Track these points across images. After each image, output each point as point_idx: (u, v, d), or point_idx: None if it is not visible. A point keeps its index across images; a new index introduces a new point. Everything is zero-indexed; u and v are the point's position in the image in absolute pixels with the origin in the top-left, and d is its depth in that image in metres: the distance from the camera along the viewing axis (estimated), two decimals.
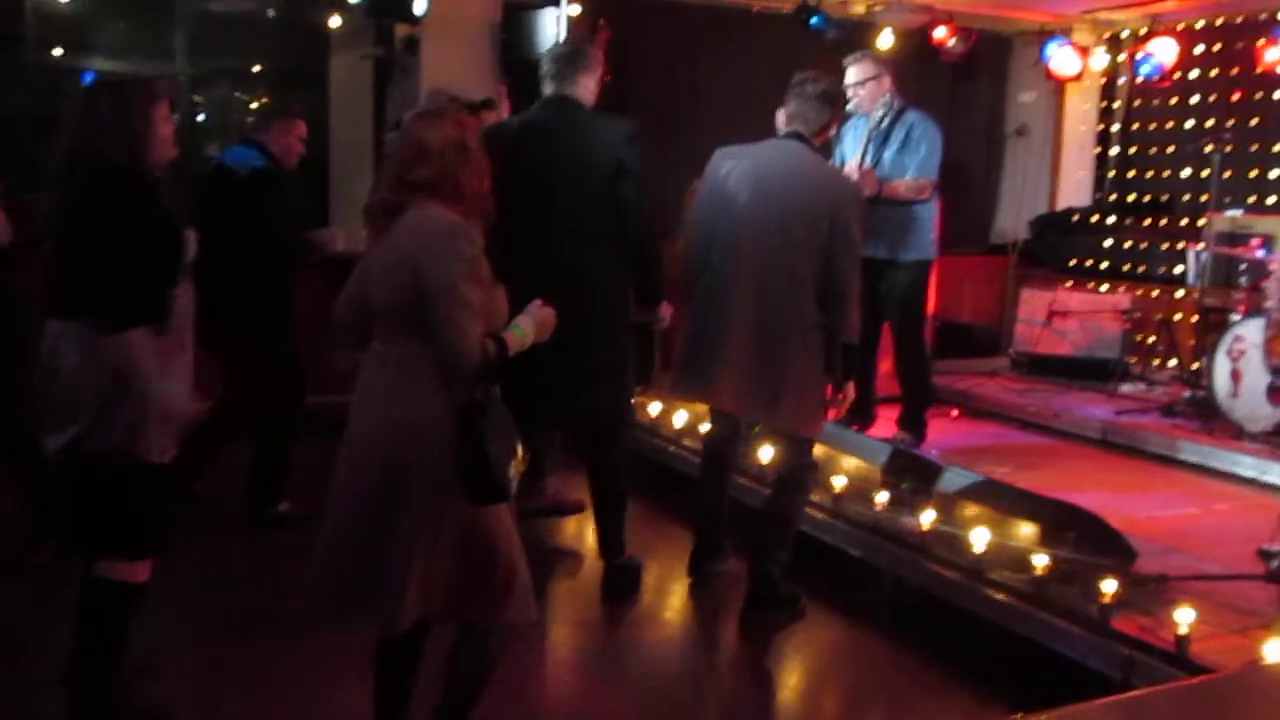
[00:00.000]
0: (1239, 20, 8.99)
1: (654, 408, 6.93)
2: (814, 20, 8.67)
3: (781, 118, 4.83)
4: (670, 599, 5.29)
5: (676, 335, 5.16)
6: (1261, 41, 8.43)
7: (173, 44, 8.76)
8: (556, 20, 7.74)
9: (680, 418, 6.68)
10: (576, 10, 7.80)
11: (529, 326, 3.33)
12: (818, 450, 5.65)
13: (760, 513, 5.02)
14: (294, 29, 8.98)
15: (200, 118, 9.45)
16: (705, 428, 5.34)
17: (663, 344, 7.74)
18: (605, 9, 8.24)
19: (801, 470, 4.92)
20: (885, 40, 8.82)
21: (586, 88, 4.96)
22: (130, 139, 3.61)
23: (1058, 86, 10.06)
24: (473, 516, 3.24)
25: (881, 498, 5.23)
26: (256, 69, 9.43)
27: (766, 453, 5.68)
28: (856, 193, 4.85)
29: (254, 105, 9.41)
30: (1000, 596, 4.42)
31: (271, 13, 8.50)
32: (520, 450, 3.30)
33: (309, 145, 5.95)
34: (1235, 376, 6.70)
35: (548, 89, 4.96)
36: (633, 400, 5.41)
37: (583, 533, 5.81)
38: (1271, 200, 8.49)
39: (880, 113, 6.46)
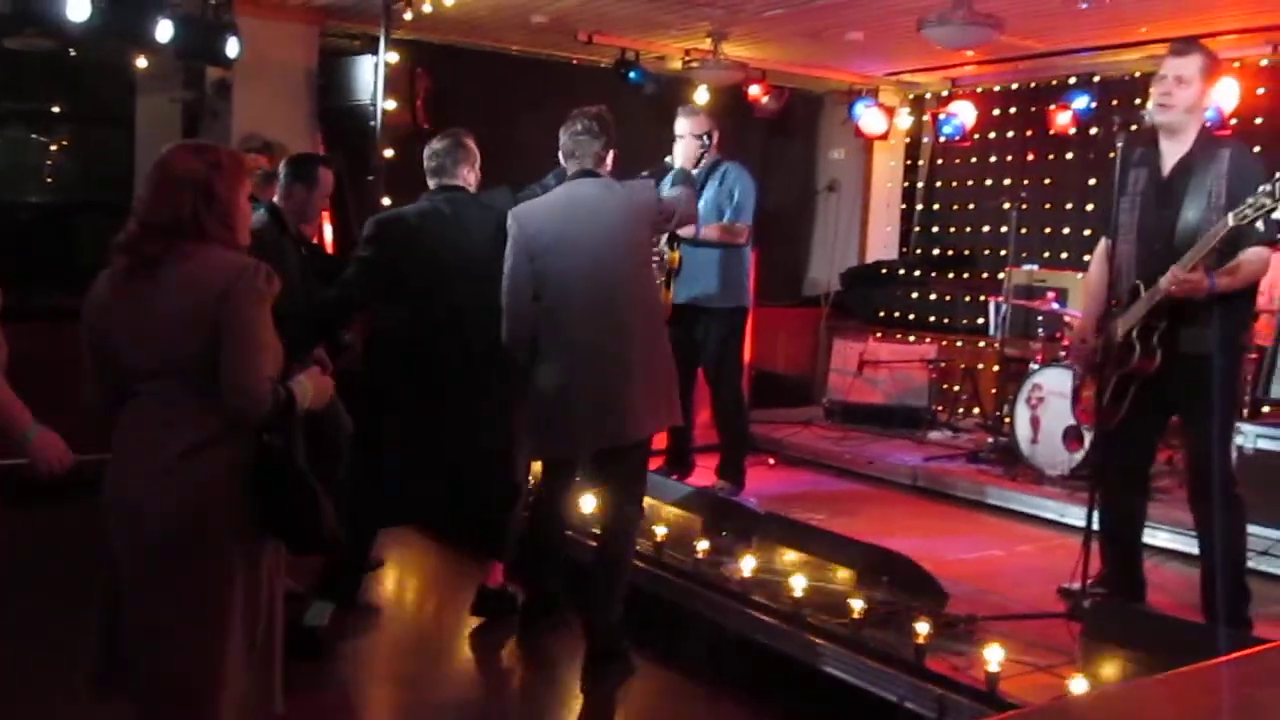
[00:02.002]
0: (1032, 85, 9.48)
1: None
2: (632, 75, 8.81)
3: (562, 160, 4.89)
4: (499, 652, 5.21)
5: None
6: (1053, 106, 8.90)
7: None
8: (374, 68, 7.66)
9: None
10: (394, 58, 7.74)
11: (309, 387, 3.17)
12: None
13: (593, 565, 4.95)
14: (98, 69, 8.65)
15: None
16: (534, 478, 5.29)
17: None
18: (423, 58, 8.21)
19: (635, 516, 4.89)
20: (701, 96, 9.01)
21: (467, 180, 5.07)
22: None
23: (866, 144, 10.43)
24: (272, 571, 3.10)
25: (701, 545, 5.25)
26: (56, 110, 9.04)
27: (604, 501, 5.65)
28: (648, 183, 4.98)
29: (53, 148, 9.02)
30: (819, 640, 4.47)
31: (73, 52, 8.17)
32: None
33: (111, 187, 5.71)
34: (1034, 423, 7.00)
35: (431, 181, 5.07)
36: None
37: (399, 587, 5.68)
38: (1064, 256, 8.93)
39: (702, 145, 6.56)
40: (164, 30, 6.86)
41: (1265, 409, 6.26)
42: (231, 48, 7.22)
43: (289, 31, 7.89)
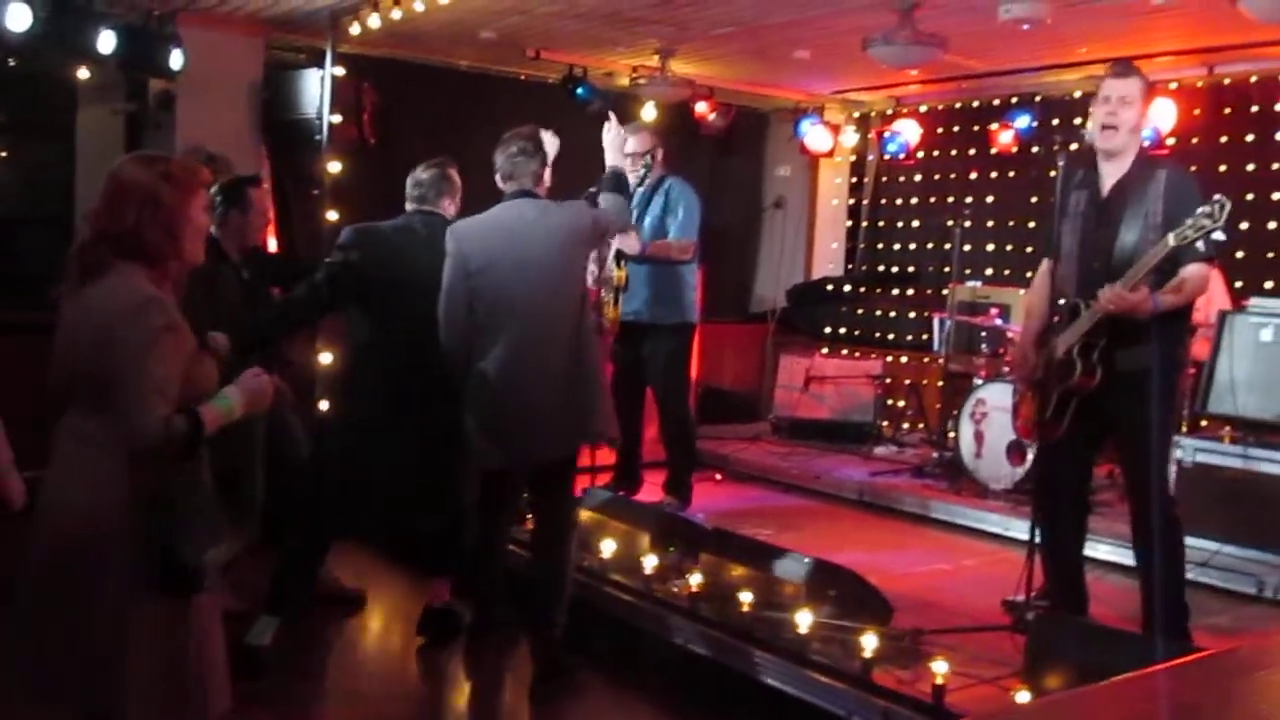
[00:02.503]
0: (975, 104, 9.59)
1: None
2: (580, 91, 8.82)
3: (500, 183, 4.93)
4: (446, 670, 5.17)
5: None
6: (996, 125, 9.02)
7: None
8: (320, 81, 7.61)
9: None
10: (341, 72, 7.70)
11: (237, 398, 3.13)
12: (585, 515, 5.70)
13: (533, 581, 4.95)
14: (39, 80, 8.52)
15: None
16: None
17: None
18: (371, 72, 8.17)
19: (569, 529, 4.91)
20: (648, 113, 9.04)
21: (446, 210, 5.16)
22: None
23: (812, 162, 10.50)
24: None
25: (649, 561, 5.26)
26: None
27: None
28: (583, 204, 5.00)
29: None
30: (766, 655, 4.49)
31: (13, 62, 8.05)
32: (223, 537, 3.14)
33: (51, 200, 5.63)
34: (978, 438, 7.08)
35: (410, 206, 5.17)
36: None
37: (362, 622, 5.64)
38: (1007, 272, 9.04)
39: (642, 172, 6.59)
40: (106, 41, 6.77)
41: (1203, 423, 6.38)
42: (175, 59, 7.15)
43: (234, 43, 7.81)
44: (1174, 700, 1.27)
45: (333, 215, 7.40)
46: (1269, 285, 7.49)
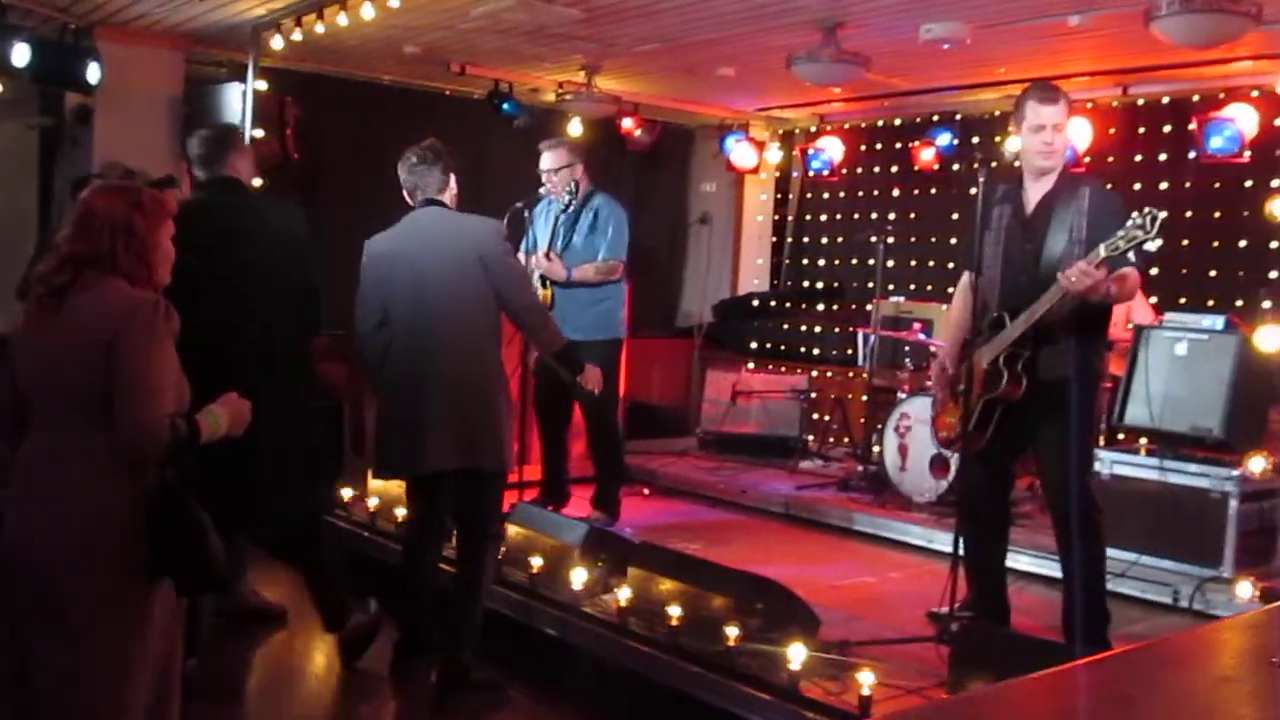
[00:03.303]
0: (898, 122, 9.73)
1: (346, 493, 6.72)
2: (505, 106, 8.82)
3: (409, 199, 4.96)
4: (369, 691, 5.11)
5: (370, 421, 5.13)
6: (917, 142, 9.15)
7: None
8: (242, 96, 7.52)
9: (373, 501, 6.51)
10: (263, 87, 7.62)
11: (224, 416, 3.18)
12: (513, 530, 5.67)
13: (448, 594, 4.91)
14: None
15: None
16: (402, 513, 5.22)
17: (353, 430, 7.58)
18: (294, 87, 8.09)
19: (487, 542, 4.88)
20: (574, 129, 9.05)
21: (238, 169, 5.00)
22: None
23: (737, 178, 10.58)
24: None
25: (577, 576, 5.24)
26: None
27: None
28: (497, 226, 4.95)
29: None
30: (695, 669, 4.49)
31: None
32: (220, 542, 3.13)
33: None
34: (903, 451, 7.15)
35: (200, 172, 4.99)
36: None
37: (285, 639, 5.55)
38: (930, 288, 9.16)
39: (568, 198, 6.58)
40: (20, 54, 6.65)
41: (1120, 436, 6.51)
42: (93, 73, 7.03)
43: (153, 57, 7.71)
44: (1101, 691, 1.30)
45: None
46: (1183, 301, 7.66)
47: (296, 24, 6.95)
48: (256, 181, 7.44)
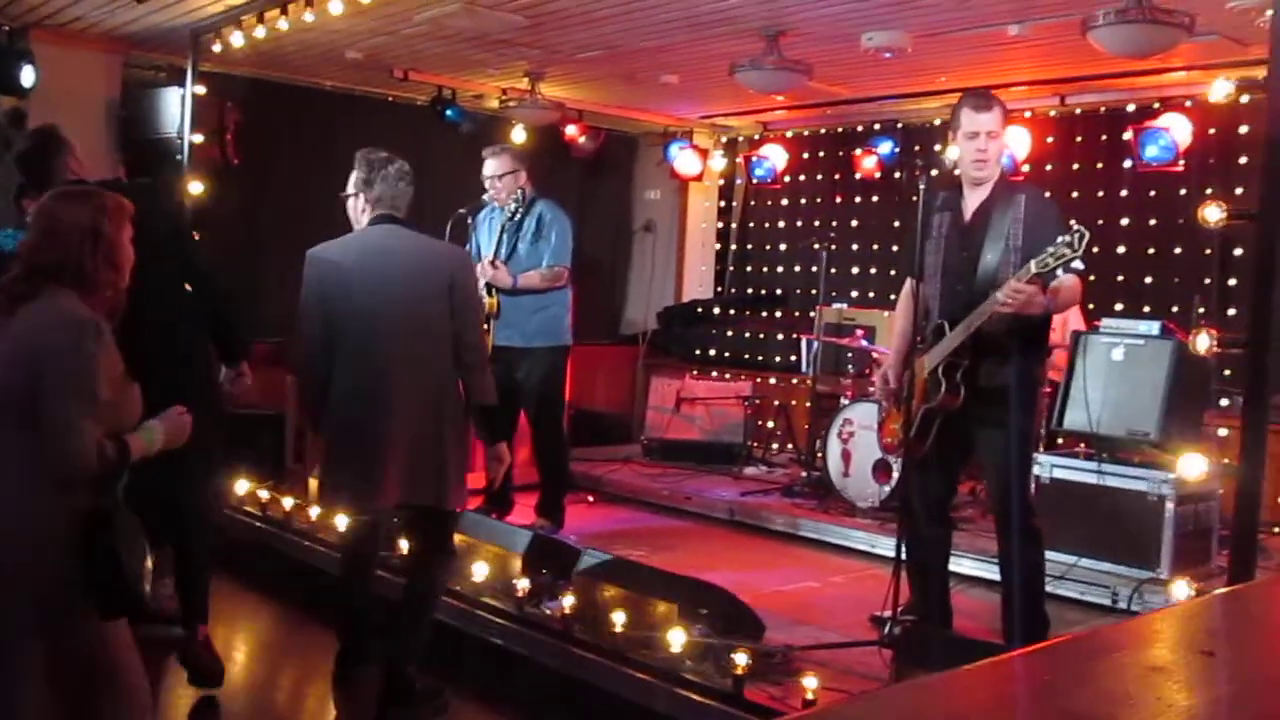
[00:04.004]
0: (840, 130, 9.81)
1: (287, 502, 6.65)
2: (449, 112, 8.80)
3: (360, 202, 4.66)
4: (309, 703, 5.05)
5: (319, 445, 4.86)
6: (859, 151, 9.23)
7: None
8: (181, 100, 7.44)
9: (314, 511, 6.45)
10: (202, 91, 7.54)
11: (160, 431, 3.13)
12: (457, 538, 5.62)
13: (396, 606, 4.86)
14: None
15: None
16: (343, 523, 5.15)
17: (296, 437, 7.51)
18: (234, 91, 8.02)
19: (443, 559, 4.83)
20: (518, 136, 9.04)
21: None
22: None
23: (681, 185, 10.61)
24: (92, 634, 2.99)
25: (522, 584, 5.22)
26: None
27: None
28: (467, 256, 4.83)
29: None
30: (640, 675, 4.48)
31: None
32: (149, 559, 3.08)
33: None
34: (846, 457, 7.20)
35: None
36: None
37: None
38: (872, 295, 9.23)
39: (513, 205, 6.57)
40: None
41: (1060, 440, 6.58)
42: (27, 76, 6.93)
43: (90, 61, 7.61)
44: (1035, 681, 1.32)
45: (194, 236, 7.21)
46: (1120, 307, 7.78)
47: (236, 28, 6.89)
48: (198, 187, 7.45)
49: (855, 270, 9.59)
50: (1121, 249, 8.02)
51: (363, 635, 4.93)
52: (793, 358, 9.44)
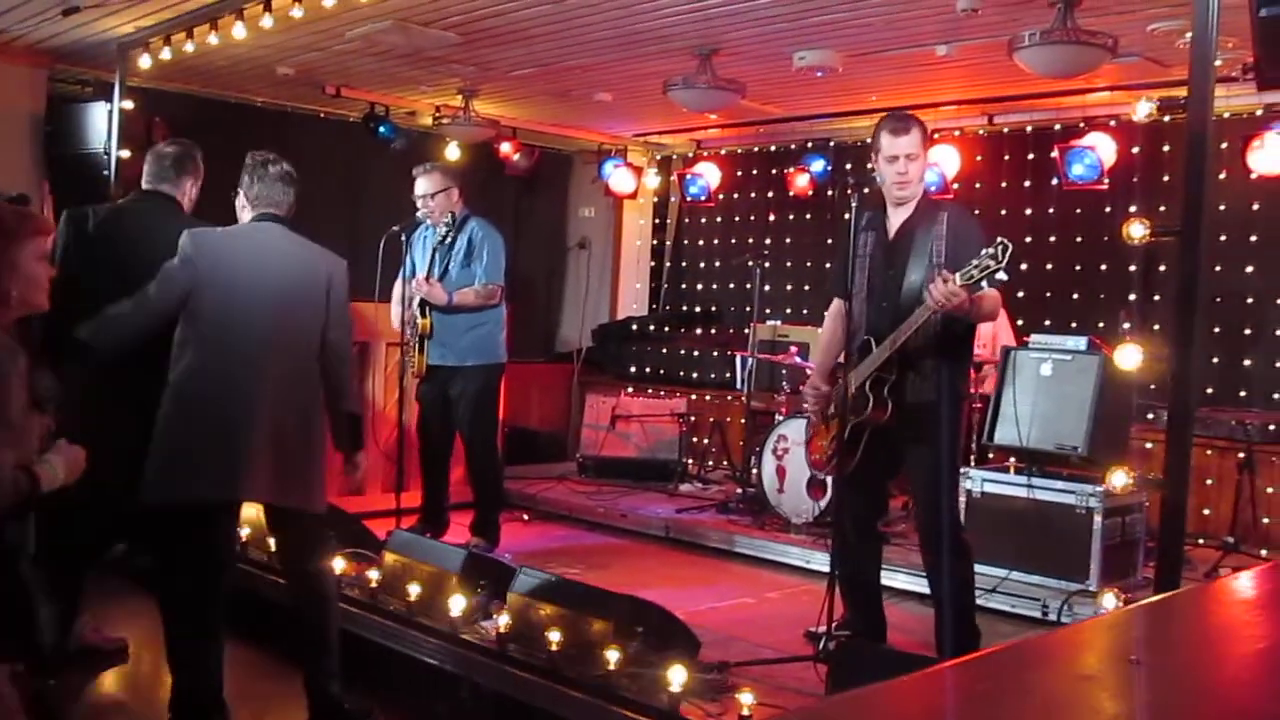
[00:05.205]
0: (773, 148, 9.89)
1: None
2: (382, 129, 8.75)
3: (242, 201, 4.68)
4: None
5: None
6: (792, 169, 9.31)
7: None
8: (108, 115, 7.33)
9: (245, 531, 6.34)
10: (129, 106, 7.43)
11: (60, 464, 3.01)
12: (391, 558, 5.58)
13: (301, 624, 4.65)
14: None
15: None
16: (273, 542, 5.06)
17: None
18: (162, 107, 7.92)
19: (320, 566, 4.68)
20: (452, 153, 9.01)
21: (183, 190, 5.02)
22: None
23: (616, 203, 10.64)
24: None
25: (456, 603, 5.18)
26: None
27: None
28: (344, 263, 4.76)
29: None
30: (576, 694, 4.46)
31: None
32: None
33: None
34: (780, 473, 7.23)
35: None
36: None
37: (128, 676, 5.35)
38: (805, 311, 9.30)
39: (444, 228, 6.54)
40: None
41: (990, 455, 6.66)
42: None
43: (12, 75, 7.48)
44: (965, 691, 1.33)
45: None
46: (1048, 322, 7.90)
47: (165, 43, 6.80)
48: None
49: (789, 287, 9.67)
50: (1050, 266, 8.14)
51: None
52: (727, 374, 9.47)
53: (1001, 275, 4.41)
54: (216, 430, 4.33)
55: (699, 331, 10.29)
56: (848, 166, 9.10)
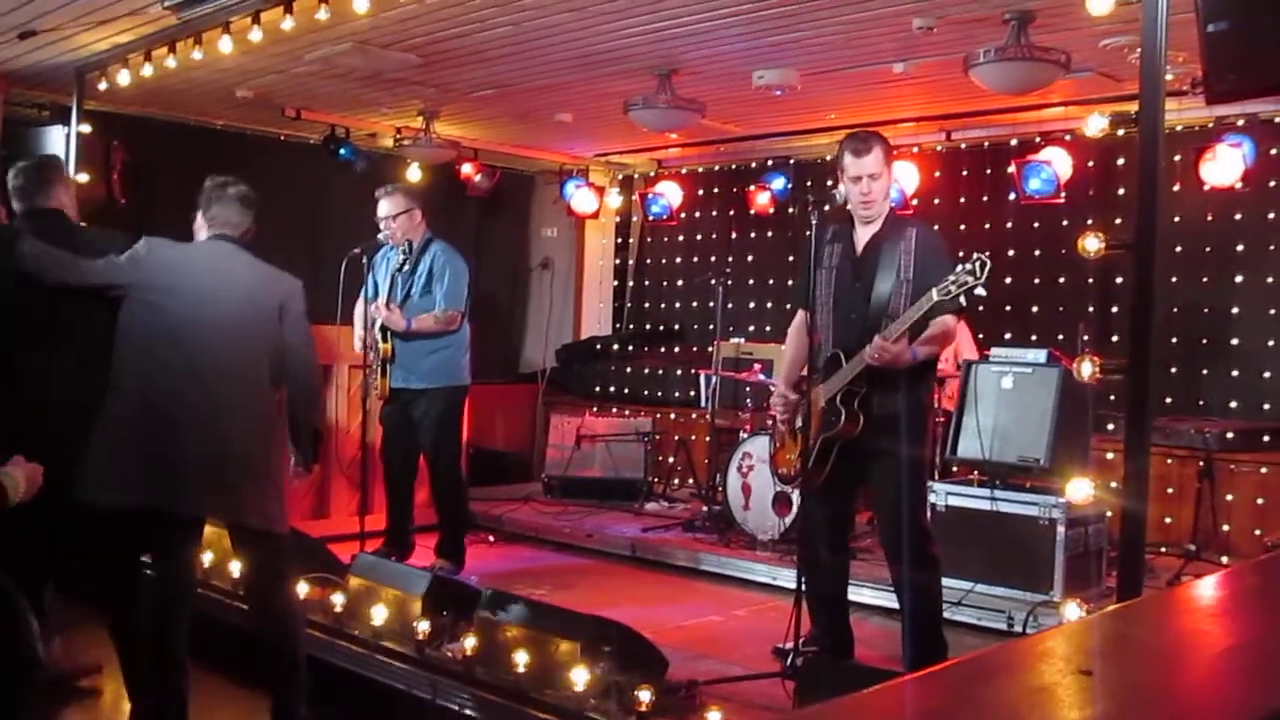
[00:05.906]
0: (734, 167, 9.93)
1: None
2: (342, 151, 8.73)
3: (199, 222, 4.69)
4: None
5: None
6: (753, 187, 9.35)
7: None
8: (66, 139, 7.28)
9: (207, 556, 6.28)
10: (87, 129, 7.38)
11: (20, 478, 3.01)
12: (355, 582, 5.54)
13: (267, 649, 4.62)
14: None
15: None
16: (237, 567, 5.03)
17: None
18: (121, 130, 7.87)
19: (283, 586, 4.66)
20: (413, 174, 9.00)
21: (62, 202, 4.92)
22: None
23: (578, 223, 10.64)
24: None
25: (422, 627, 5.15)
26: None
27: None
28: (299, 285, 4.75)
29: None
30: (543, 715, 4.44)
31: None
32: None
33: None
34: (746, 490, 7.24)
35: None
36: None
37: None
38: (769, 329, 9.33)
39: (402, 255, 6.53)
40: None
41: (954, 469, 6.70)
42: None
43: None
44: (924, 704, 1.34)
45: None
46: (1008, 336, 7.97)
47: (123, 66, 6.77)
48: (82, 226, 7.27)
49: (752, 305, 9.70)
50: (1009, 279, 8.21)
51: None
52: (692, 393, 9.50)
53: (980, 291, 4.46)
54: (155, 435, 4.30)
55: (663, 350, 10.30)
56: (808, 183, 9.16)
